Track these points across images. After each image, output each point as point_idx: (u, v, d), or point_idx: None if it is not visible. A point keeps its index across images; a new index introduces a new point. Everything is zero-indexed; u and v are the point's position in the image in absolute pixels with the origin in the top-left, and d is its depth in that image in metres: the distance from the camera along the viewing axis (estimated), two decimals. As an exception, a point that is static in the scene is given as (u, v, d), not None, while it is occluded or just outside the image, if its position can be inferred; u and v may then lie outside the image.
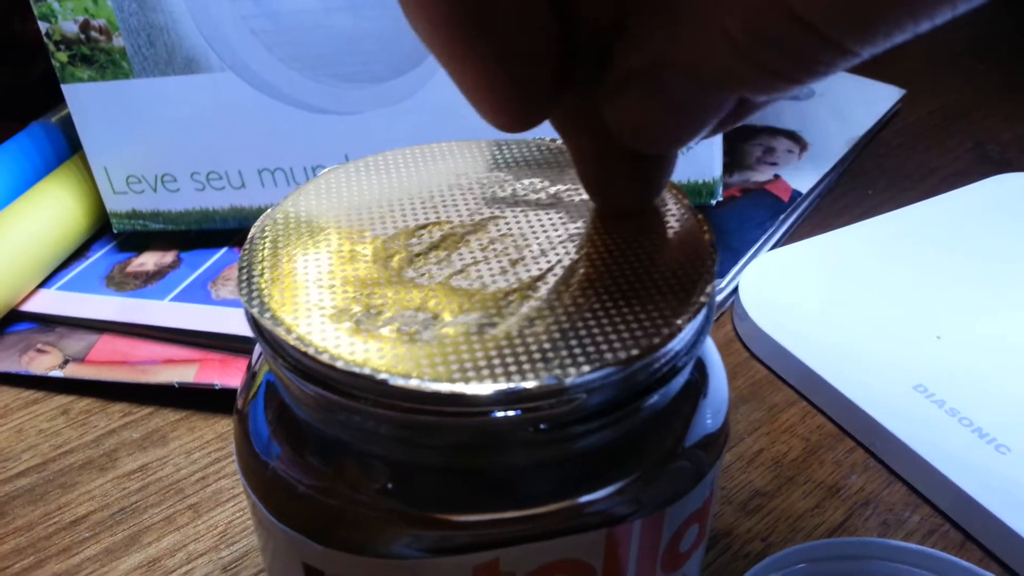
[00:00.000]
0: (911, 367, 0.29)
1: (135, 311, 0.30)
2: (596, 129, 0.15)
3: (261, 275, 0.16)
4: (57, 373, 0.29)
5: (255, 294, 0.15)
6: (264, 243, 0.17)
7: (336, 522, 0.16)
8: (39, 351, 0.30)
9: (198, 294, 0.30)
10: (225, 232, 0.33)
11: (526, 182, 0.19)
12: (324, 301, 0.15)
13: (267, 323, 0.15)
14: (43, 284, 0.32)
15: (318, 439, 0.16)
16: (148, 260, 0.33)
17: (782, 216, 0.36)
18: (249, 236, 0.17)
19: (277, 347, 0.15)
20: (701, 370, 0.17)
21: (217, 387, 0.27)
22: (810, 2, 0.11)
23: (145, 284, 0.31)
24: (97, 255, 0.34)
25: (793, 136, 0.42)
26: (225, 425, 0.28)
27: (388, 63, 0.29)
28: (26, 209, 0.32)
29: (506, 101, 0.15)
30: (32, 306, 0.31)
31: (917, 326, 0.31)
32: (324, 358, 0.14)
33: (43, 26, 0.29)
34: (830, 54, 0.11)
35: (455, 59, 0.14)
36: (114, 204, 0.32)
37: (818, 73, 0.12)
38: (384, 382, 0.13)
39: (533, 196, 0.18)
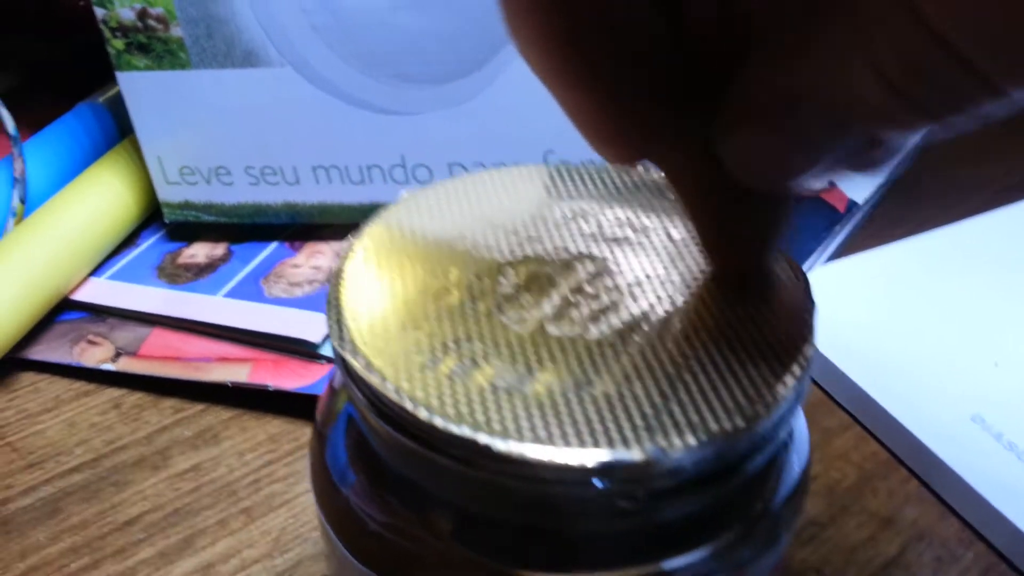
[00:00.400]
0: (968, 395, 0.28)
1: (187, 305, 0.30)
2: (707, 167, 0.14)
3: (351, 316, 0.15)
4: (109, 366, 0.29)
5: (346, 336, 0.15)
6: (351, 279, 0.16)
7: (408, 564, 0.16)
8: (90, 342, 0.30)
9: (250, 290, 0.30)
10: (276, 226, 0.33)
11: (611, 216, 0.18)
12: (418, 348, 0.15)
13: (361, 370, 0.14)
14: (93, 272, 0.32)
15: (396, 476, 0.16)
16: (199, 251, 0.32)
17: (837, 227, 0.35)
18: (335, 269, 0.16)
19: (370, 394, 0.14)
20: (787, 422, 0.17)
21: (271, 388, 0.27)
22: (965, 33, 0.10)
23: (197, 277, 0.31)
24: (147, 243, 0.33)
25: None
26: (277, 426, 0.28)
27: (451, 64, 0.28)
28: (77, 195, 0.32)
29: (612, 131, 0.14)
30: (83, 295, 0.31)
31: (974, 351, 0.30)
32: (421, 414, 0.14)
33: (99, 12, 0.29)
34: (981, 92, 0.11)
35: (556, 86, 0.14)
36: (167, 194, 0.32)
37: (965, 112, 0.11)
38: (487, 447, 0.13)
39: (620, 233, 0.18)
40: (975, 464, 0.26)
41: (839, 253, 0.36)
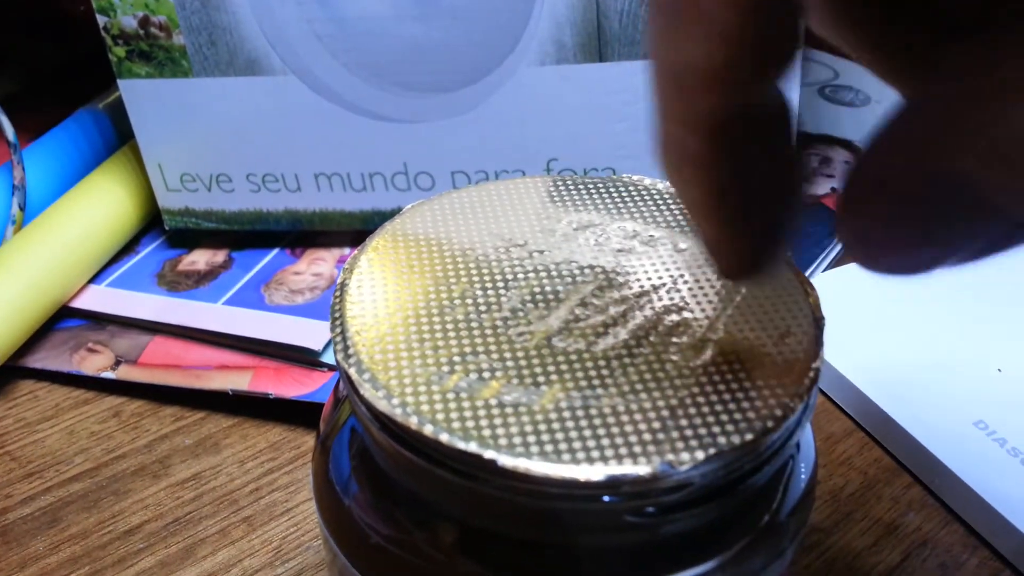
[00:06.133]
0: (971, 401, 0.28)
1: (188, 313, 0.30)
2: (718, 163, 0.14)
3: (356, 330, 0.15)
4: (109, 375, 0.29)
5: (351, 350, 0.15)
6: (356, 293, 0.16)
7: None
8: (90, 350, 0.29)
9: (251, 298, 0.30)
10: (277, 233, 0.33)
11: (617, 227, 0.18)
12: (423, 362, 0.15)
13: (367, 389, 0.14)
14: (93, 280, 0.32)
15: (400, 489, 0.16)
16: (199, 259, 0.32)
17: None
18: (339, 281, 0.16)
19: (374, 409, 0.14)
20: (793, 433, 0.17)
21: (271, 396, 0.27)
22: None
23: (197, 285, 0.31)
24: (147, 250, 0.33)
25: (850, 146, 0.41)
26: (277, 434, 0.28)
27: (454, 74, 0.28)
28: (77, 202, 0.31)
29: (739, 263, 0.14)
30: (82, 303, 0.31)
31: (977, 357, 0.30)
32: (427, 429, 0.13)
33: (101, 19, 0.29)
34: None
35: (702, 220, 0.14)
36: (167, 201, 0.32)
37: None
38: (493, 462, 0.13)
39: (626, 244, 0.18)
40: (979, 470, 0.26)
41: (838, 260, 0.36)
